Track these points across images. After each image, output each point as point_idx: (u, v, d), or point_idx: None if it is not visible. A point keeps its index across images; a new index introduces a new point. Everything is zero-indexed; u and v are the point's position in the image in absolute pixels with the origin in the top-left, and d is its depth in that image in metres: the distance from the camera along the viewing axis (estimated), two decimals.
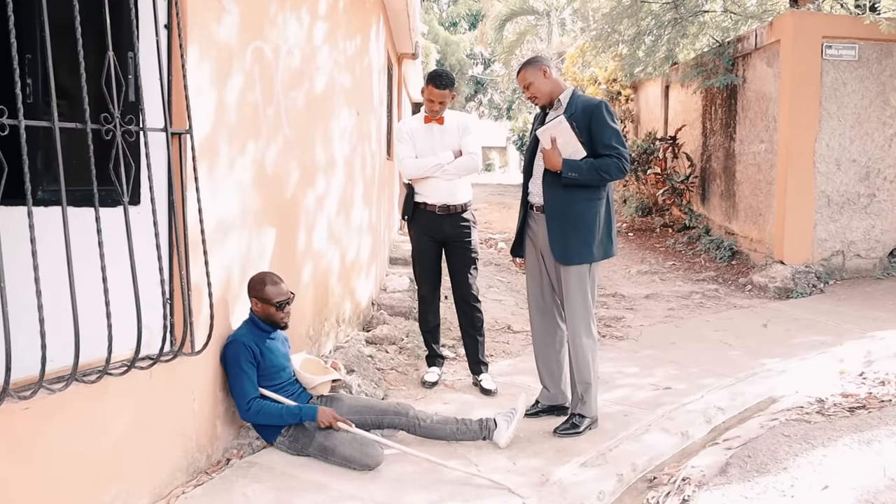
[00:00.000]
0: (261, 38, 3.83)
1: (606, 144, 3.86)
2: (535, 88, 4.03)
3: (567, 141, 3.86)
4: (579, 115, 3.90)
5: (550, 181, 3.98)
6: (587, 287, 4.01)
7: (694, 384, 4.91)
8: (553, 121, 3.93)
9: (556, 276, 4.12)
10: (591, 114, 3.90)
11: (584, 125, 3.88)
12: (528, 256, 4.29)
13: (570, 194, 3.93)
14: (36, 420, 2.51)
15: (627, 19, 10.66)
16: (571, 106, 3.97)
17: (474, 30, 34.46)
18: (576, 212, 3.94)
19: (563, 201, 3.95)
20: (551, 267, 4.14)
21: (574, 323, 4.03)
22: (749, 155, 9.49)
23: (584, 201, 3.94)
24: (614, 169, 3.86)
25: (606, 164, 3.85)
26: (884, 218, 8.71)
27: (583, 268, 3.98)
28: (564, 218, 3.95)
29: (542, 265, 4.21)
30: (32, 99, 2.98)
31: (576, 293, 4.00)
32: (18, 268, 2.41)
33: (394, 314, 6.56)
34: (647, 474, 3.68)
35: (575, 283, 4.00)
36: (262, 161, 3.89)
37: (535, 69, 4.03)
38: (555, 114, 4.02)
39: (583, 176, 3.86)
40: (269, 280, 3.64)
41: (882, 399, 4.46)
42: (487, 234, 12.41)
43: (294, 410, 3.55)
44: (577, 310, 4.02)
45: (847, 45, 8.34)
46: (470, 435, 3.82)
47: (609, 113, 3.92)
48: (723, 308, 7.57)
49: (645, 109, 14.11)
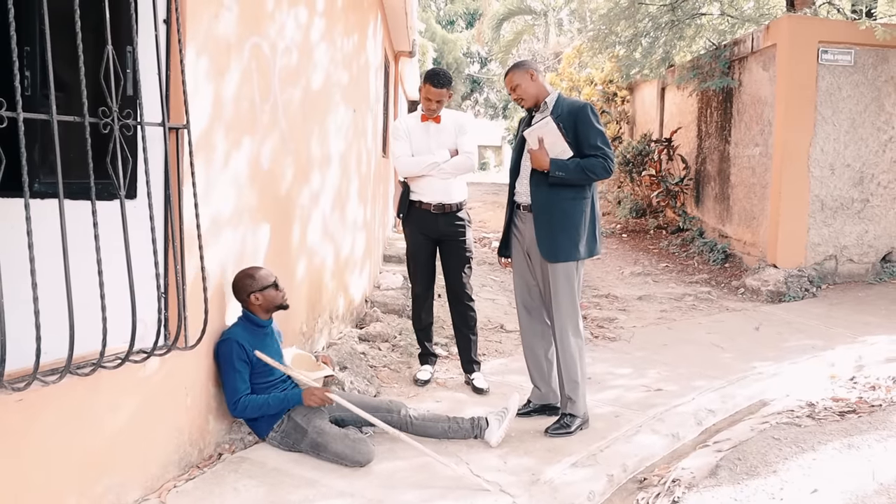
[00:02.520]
0: (259, 34, 3.84)
1: (592, 145, 3.93)
2: (522, 90, 4.07)
3: (554, 141, 3.91)
4: (565, 117, 3.96)
5: (537, 180, 4.02)
6: (574, 285, 4.04)
7: (685, 386, 4.93)
8: (540, 122, 3.97)
9: (543, 274, 4.14)
10: (577, 115, 3.96)
11: (571, 127, 3.94)
12: (515, 256, 4.32)
13: (557, 193, 3.97)
14: (29, 412, 2.50)
15: (625, 21, 10.68)
16: (557, 108, 4.03)
17: (471, 28, 34.47)
18: (562, 210, 3.98)
19: (549, 200, 3.99)
20: (537, 266, 4.17)
21: (561, 321, 4.06)
22: (744, 158, 9.52)
23: (570, 200, 3.99)
24: (600, 169, 3.91)
25: (592, 164, 3.91)
26: (877, 223, 8.75)
27: (569, 266, 4.01)
28: (551, 216, 3.98)
29: (528, 264, 4.24)
30: (31, 91, 2.97)
31: (563, 292, 4.03)
32: (14, 259, 2.41)
33: (387, 312, 6.57)
34: (637, 475, 3.70)
35: (562, 282, 4.02)
36: (258, 157, 3.89)
37: (523, 72, 4.08)
38: (541, 116, 4.07)
39: (570, 175, 3.91)
40: (250, 272, 3.65)
41: (872, 404, 4.49)
42: (481, 233, 12.41)
43: (280, 398, 3.58)
44: (563, 308, 4.04)
45: (843, 51, 8.37)
46: (461, 433, 3.83)
47: (594, 115, 3.99)
48: (715, 311, 7.60)
49: (640, 111, 14.13)
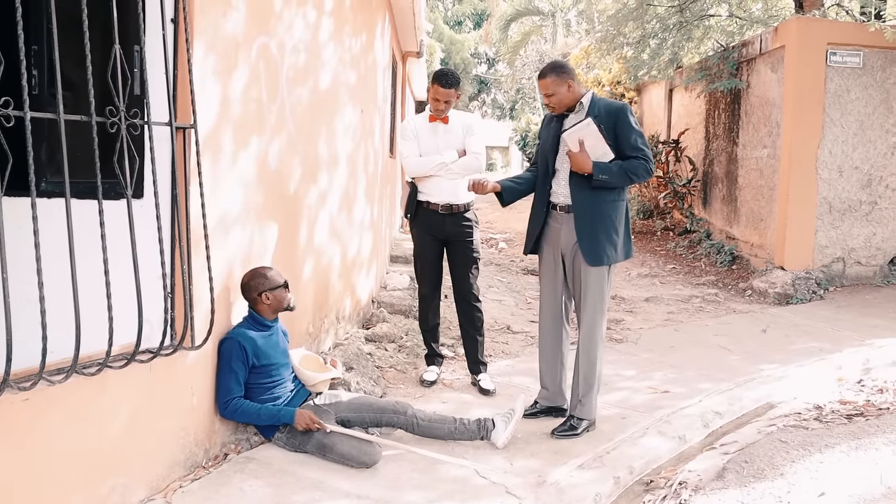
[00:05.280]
0: (267, 33, 3.84)
1: (633, 146, 3.91)
2: (557, 100, 3.99)
3: (595, 143, 3.86)
4: (604, 118, 3.91)
5: (577, 182, 3.98)
6: (605, 289, 4.03)
7: (692, 388, 4.92)
8: (580, 123, 3.91)
9: (574, 276, 4.11)
10: (617, 117, 3.93)
11: (610, 128, 3.90)
12: (545, 256, 4.27)
13: (599, 195, 3.95)
14: (35, 411, 2.51)
15: (633, 22, 10.65)
16: (594, 108, 3.97)
17: (479, 29, 34.49)
18: (604, 212, 3.96)
19: (592, 202, 3.96)
20: (570, 267, 4.13)
21: (588, 324, 4.04)
22: (751, 160, 9.49)
23: (611, 202, 3.97)
24: (642, 170, 3.90)
25: (634, 166, 3.89)
26: (885, 226, 8.71)
27: (603, 269, 4.00)
28: (593, 219, 3.96)
29: (560, 265, 4.20)
30: (38, 90, 2.98)
31: (594, 295, 4.01)
32: (21, 259, 2.42)
33: (394, 312, 6.56)
34: (643, 477, 3.68)
35: (594, 285, 4.01)
36: (265, 156, 3.89)
37: (561, 81, 3.96)
38: (576, 117, 4.01)
39: (613, 178, 3.89)
40: (261, 271, 3.65)
41: (880, 407, 4.46)
42: (489, 234, 12.41)
43: (272, 412, 3.56)
44: (593, 311, 4.03)
45: (852, 52, 8.34)
46: (468, 435, 3.82)
47: (633, 116, 3.98)
48: (722, 313, 7.57)
49: (648, 112, 14.10)
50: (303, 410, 3.55)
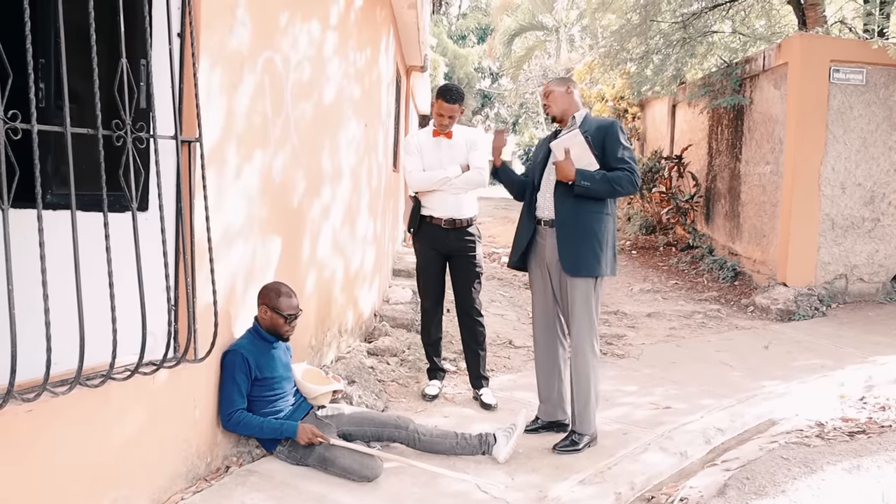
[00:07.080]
0: (272, 48, 3.86)
1: (619, 159, 3.94)
2: (552, 98, 4.15)
3: (580, 154, 3.91)
4: (593, 133, 3.98)
5: (561, 194, 4.01)
6: (592, 303, 4.03)
7: (693, 404, 4.91)
8: (568, 134, 4.00)
9: (562, 290, 4.13)
10: (606, 132, 3.98)
11: (598, 143, 3.96)
12: (534, 271, 4.30)
13: (582, 206, 3.96)
14: (38, 422, 2.51)
15: (636, 38, 10.70)
16: (585, 125, 4.06)
17: (483, 44, 34.61)
18: (586, 223, 3.96)
19: (574, 213, 3.98)
20: (557, 282, 4.16)
21: (578, 338, 4.04)
22: (754, 176, 9.51)
23: (594, 214, 3.98)
24: (626, 182, 3.91)
25: (619, 177, 3.91)
26: (888, 242, 8.71)
27: (589, 283, 4.00)
28: (574, 229, 3.97)
29: (547, 280, 4.22)
30: (45, 103, 3.00)
31: (581, 309, 4.02)
32: (26, 270, 2.43)
33: (396, 326, 6.57)
34: (644, 493, 3.67)
35: (581, 299, 4.01)
36: (269, 170, 3.91)
37: (561, 85, 4.17)
38: (568, 131, 4.09)
39: (595, 185, 3.89)
40: (283, 291, 3.65)
41: (882, 424, 4.45)
42: (491, 248, 12.42)
43: (275, 425, 3.55)
44: (580, 326, 4.03)
45: (855, 70, 8.37)
46: (469, 449, 3.82)
47: (623, 132, 4.02)
48: (724, 329, 7.57)
49: (651, 128, 14.14)
50: (305, 424, 3.55)
